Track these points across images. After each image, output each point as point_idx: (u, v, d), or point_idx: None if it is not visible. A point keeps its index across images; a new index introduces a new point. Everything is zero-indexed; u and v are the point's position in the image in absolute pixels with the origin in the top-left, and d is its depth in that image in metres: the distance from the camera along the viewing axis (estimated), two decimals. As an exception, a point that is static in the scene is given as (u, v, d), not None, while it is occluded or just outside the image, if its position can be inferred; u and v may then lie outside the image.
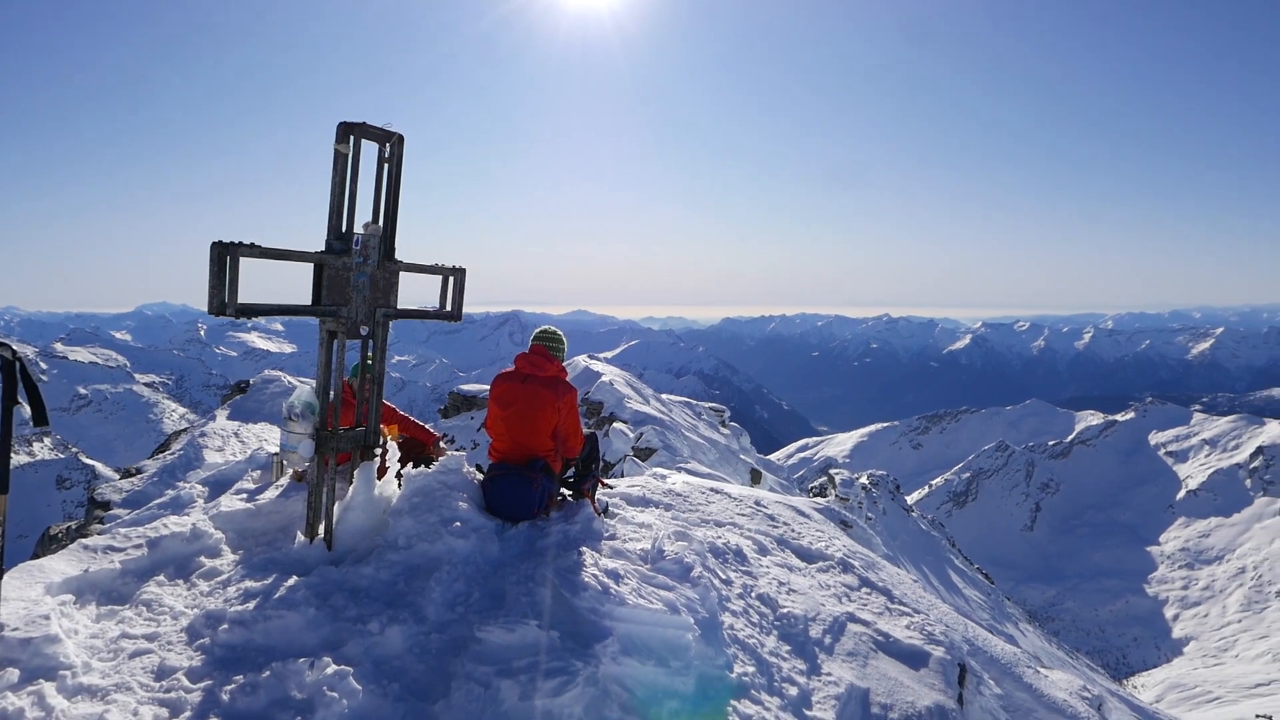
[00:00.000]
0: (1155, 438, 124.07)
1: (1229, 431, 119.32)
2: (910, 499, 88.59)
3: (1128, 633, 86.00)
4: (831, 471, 46.70)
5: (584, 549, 4.57)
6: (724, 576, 5.09)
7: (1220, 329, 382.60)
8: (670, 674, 3.80)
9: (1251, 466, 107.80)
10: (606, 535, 4.95)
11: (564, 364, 5.53)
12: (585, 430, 5.58)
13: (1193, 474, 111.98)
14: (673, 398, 29.95)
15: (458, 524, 4.62)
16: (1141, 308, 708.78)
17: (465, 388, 29.40)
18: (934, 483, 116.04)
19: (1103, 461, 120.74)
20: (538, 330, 5.61)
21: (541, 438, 5.19)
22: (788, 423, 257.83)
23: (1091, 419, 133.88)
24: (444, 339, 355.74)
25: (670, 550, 4.72)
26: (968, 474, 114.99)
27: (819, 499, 28.75)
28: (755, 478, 25.75)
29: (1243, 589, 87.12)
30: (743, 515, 6.63)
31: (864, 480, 42.69)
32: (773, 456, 60.25)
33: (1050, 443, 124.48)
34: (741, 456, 28.37)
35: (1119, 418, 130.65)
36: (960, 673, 4.87)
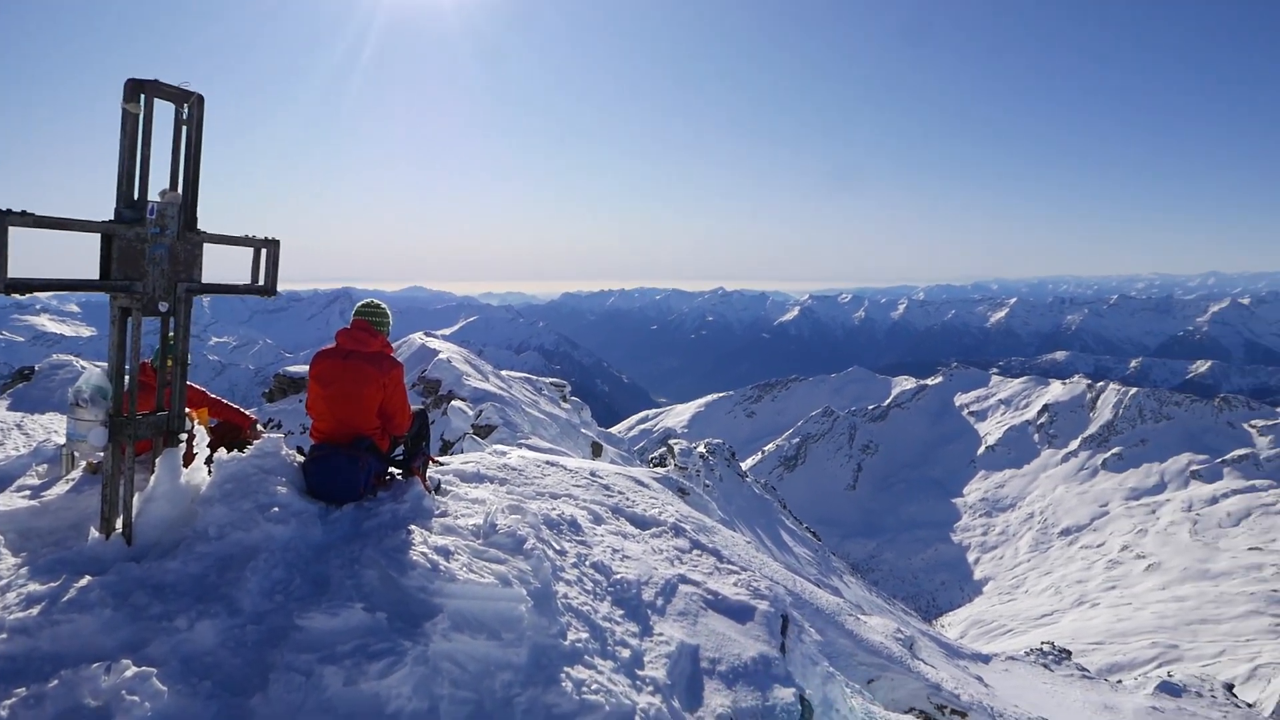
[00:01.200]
0: (960, 399, 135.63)
1: (1020, 392, 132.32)
2: (745, 465, 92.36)
3: (937, 577, 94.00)
4: (671, 442, 47.92)
5: (413, 527, 4.46)
6: (558, 547, 5.13)
7: (1014, 299, 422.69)
8: (503, 646, 3.80)
9: (1039, 423, 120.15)
10: (438, 513, 4.85)
11: (389, 339, 5.34)
12: (414, 406, 5.43)
13: (991, 431, 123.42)
14: (513, 374, 29.65)
15: (276, 509, 4.38)
16: (948, 280, 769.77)
17: (292, 369, 27.87)
18: (766, 448, 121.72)
19: (915, 423, 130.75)
20: (359, 304, 5.37)
21: (366, 415, 5.00)
22: (628, 395, 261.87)
23: (906, 384, 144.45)
24: (267, 318, 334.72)
25: (503, 524, 4.70)
26: (797, 439, 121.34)
27: (659, 469, 29.44)
28: (596, 451, 26.02)
29: (1031, 532, 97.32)
30: (578, 487, 6.69)
31: (701, 449, 44.12)
32: (614, 429, 61.04)
33: (870, 407, 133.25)
34: (583, 430, 28.56)
35: (929, 382, 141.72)
36: (783, 623, 5.16)
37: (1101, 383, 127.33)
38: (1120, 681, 32.57)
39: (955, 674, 19.02)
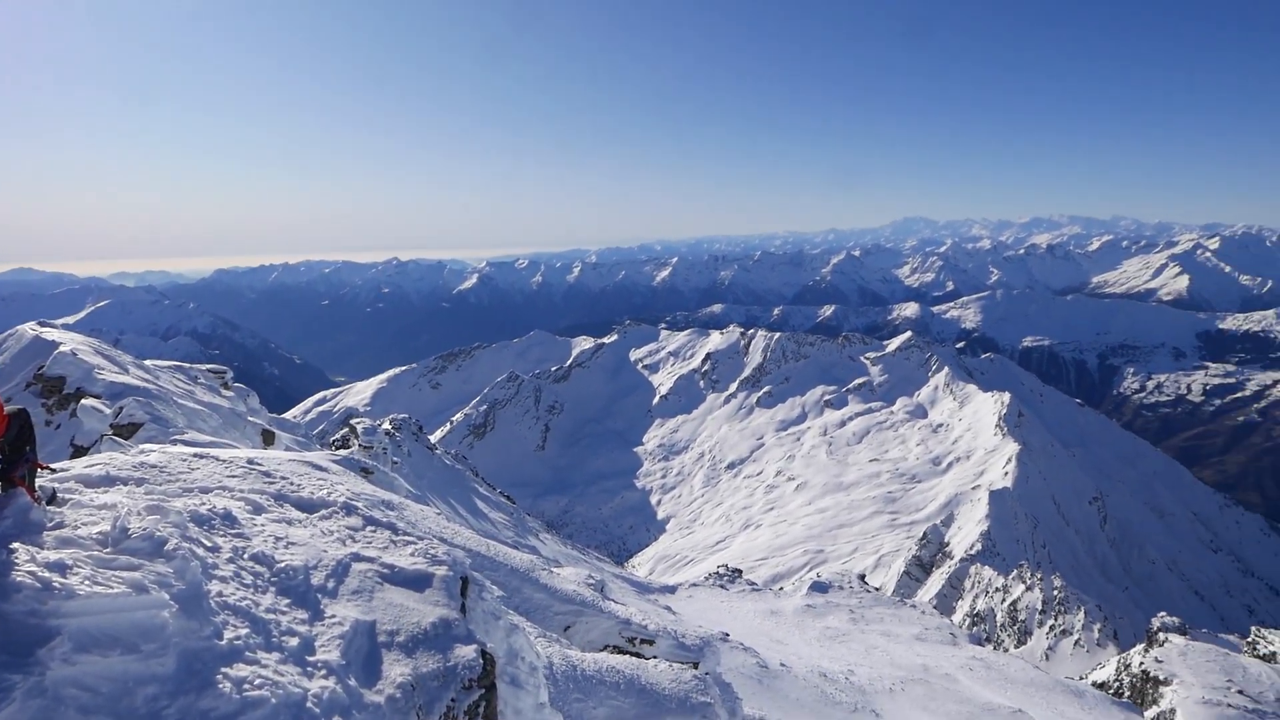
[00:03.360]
0: (634, 354, 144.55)
1: (686, 344, 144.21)
2: (434, 437, 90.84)
3: (625, 522, 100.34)
4: (353, 421, 45.58)
5: (17, 545, 3.82)
6: (210, 544, 4.70)
7: (676, 259, 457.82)
8: (144, 659, 3.43)
9: (703, 370, 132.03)
10: (51, 524, 4.20)
11: None
12: (9, 408, 4.61)
13: (664, 382, 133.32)
14: (160, 363, 26.22)
15: None
16: (617, 242, 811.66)
17: None
18: (455, 419, 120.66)
19: (596, 380, 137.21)
20: None
21: (-57, 424, 4.16)
22: (302, 376, 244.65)
23: (584, 344, 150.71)
24: None
25: (138, 527, 4.20)
26: (484, 406, 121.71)
27: (341, 450, 27.95)
28: (268, 439, 24.02)
29: (703, 470, 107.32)
30: (233, 477, 6.15)
31: (387, 426, 42.54)
32: (288, 414, 56.69)
33: (553, 368, 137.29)
34: (250, 419, 26.13)
35: (606, 340, 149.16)
36: (463, 585, 5.22)
37: (752, 330, 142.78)
38: (781, 588, 37.33)
39: (645, 607, 20.55)
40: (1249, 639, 29.39)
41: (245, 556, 4.72)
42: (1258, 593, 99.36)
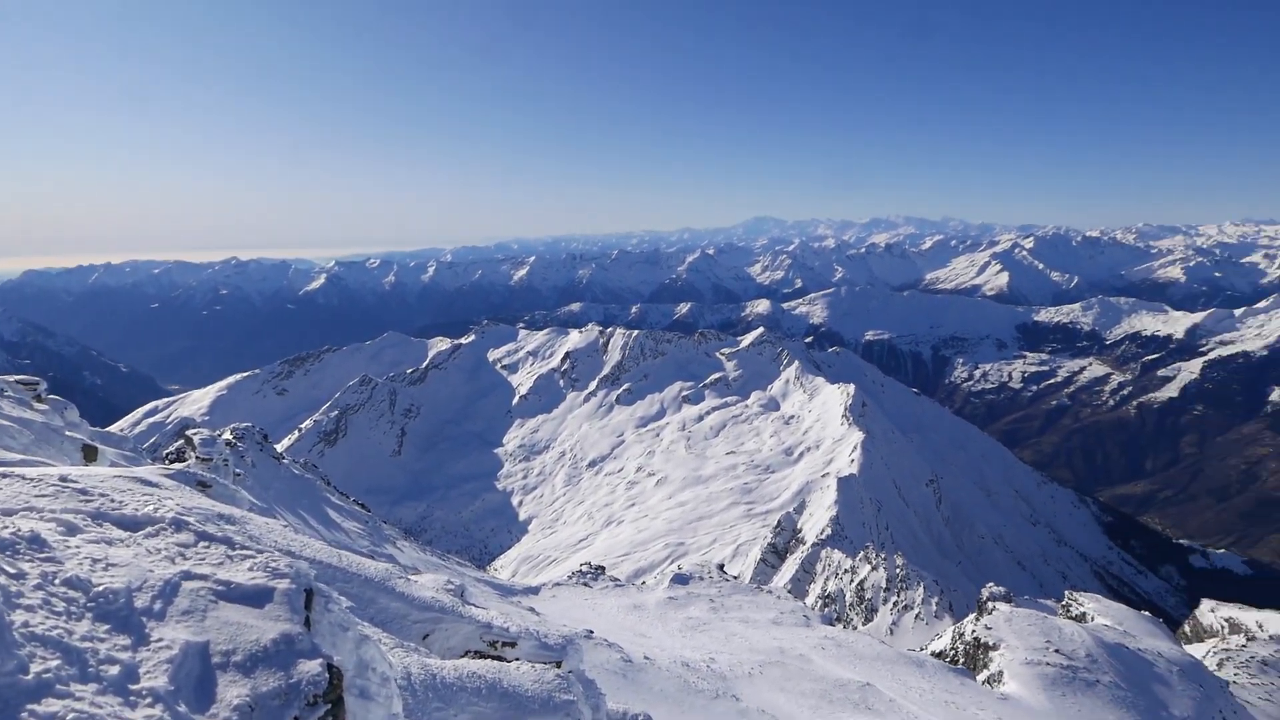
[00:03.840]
0: (493, 354, 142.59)
1: (545, 343, 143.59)
2: (280, 446, 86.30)
3: (487, 525, 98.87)
4: (189, 433, 42.44)
5: None
6: (14, 570, 4.26)
7: (533, 257, 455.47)
8: (-70, 703, 3.06)
9: (563, 369, 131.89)
10: None
11: None
12: None
13: (523, 382, 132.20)
14: (-48, 375, 23.55)
15: None
16: (473, 241, 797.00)
17: None
18: (303, 426, 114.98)
19: (453, 381, 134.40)
20: None
21: None
22: (130, 386, 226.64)
23: (441, 345, 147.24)
24: None
25: (-78, 556, 3.74)
26: (335, 411, 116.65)
27: (176, 464, 26.04)
28: (90, 455, 22.02)
29: (564, 469, 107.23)
30: (43, 497, 5.60)
31: (228, 436, 39.94)
32: (114, 427, 52.23)
33: (409, 371, 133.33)
34: (68, 434, 23.94)
35: (463, 341, 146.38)
36: (307, 597, 4.97)
37: (610, 328, 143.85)
38: (644, 582, 37.79)
39: (507, 610, 20.30)
40: (1063, 602, 32.38)
41: (57, 581, 4.30)
42: (1070, 560, 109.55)
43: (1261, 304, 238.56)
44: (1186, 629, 58.41)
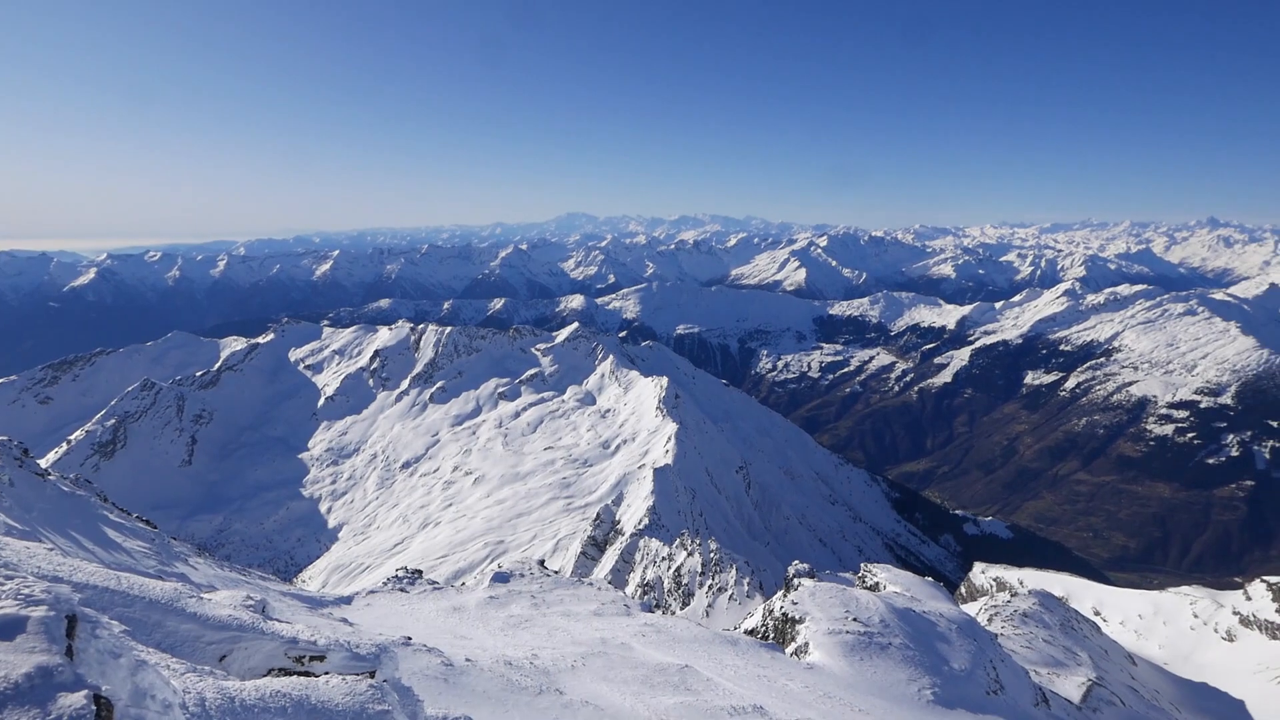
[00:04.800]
0: (295, 354, 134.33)
1: (352, 341, 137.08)
2: (45, 461, 77.10)
3: (293, 535, 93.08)
4: (-76, 450, 37.05)
5: None
6: None
7: (337, 251, 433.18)
8: None
9: (372, 368, 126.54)
10: None
11: None
12: None
13: (329, 382, 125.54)
14: None
15: None
16: (269, 234, 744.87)
17: None
18: (73, 437, 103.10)
19: (251, 384, 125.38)
20: None
21: None
22: None
23: (236, 344, 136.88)
24: None
25: None
26: (112, 420, 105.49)
27: (-96, 487, 22.48)
28: None
29: (376, 471, 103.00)
30: None
31: (-26, 451, 35.12)
32: None
33: (199, 373, 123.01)
34: None
35: (261, 340, 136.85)
36: (69, 624, 4.36)
37: (422, 325, 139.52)
38: (464, 584, 36.94)
39: (316, 623, 19.11)
40: (860, 574, 34.92)
41: None
42: (865, 535, 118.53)
43: (1016, 298, 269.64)
44: (963, 590, 65.01)
